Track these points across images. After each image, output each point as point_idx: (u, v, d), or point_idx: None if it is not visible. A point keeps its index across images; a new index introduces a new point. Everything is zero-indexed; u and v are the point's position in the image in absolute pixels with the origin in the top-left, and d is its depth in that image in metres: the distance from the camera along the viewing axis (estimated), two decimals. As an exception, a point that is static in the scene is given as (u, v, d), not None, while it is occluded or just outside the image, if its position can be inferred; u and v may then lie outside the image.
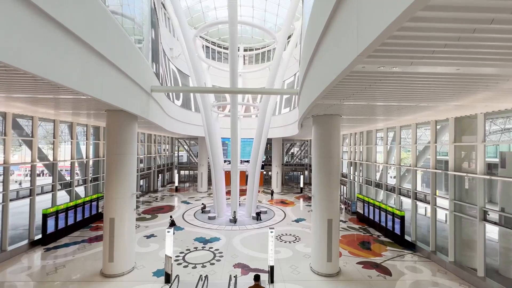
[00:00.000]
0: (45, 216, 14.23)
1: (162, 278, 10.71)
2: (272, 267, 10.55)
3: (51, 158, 16.08)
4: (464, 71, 4.88)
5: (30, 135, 14.32)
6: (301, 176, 34.41)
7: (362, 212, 20.05)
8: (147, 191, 30.39)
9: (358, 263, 12.70)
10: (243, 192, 24.51)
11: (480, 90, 6.49)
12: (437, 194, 13.67)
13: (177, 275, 10.23)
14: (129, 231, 11.42)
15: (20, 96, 8.18)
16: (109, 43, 7.22)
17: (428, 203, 13.90)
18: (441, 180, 15.06)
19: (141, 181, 29.07)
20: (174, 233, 17.30)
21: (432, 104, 8.64)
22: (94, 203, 18.48)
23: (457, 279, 11.22)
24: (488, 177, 10.46)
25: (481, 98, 7.50)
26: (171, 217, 18.53)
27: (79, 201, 17.09)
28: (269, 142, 34.17)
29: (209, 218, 19.82)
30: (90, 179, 19.52)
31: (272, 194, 29.23)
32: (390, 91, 6.90)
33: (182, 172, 40.74)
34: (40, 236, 14.28)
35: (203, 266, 12.07)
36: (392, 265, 12.50)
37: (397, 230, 15.46)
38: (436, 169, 13.52)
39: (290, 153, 42.92)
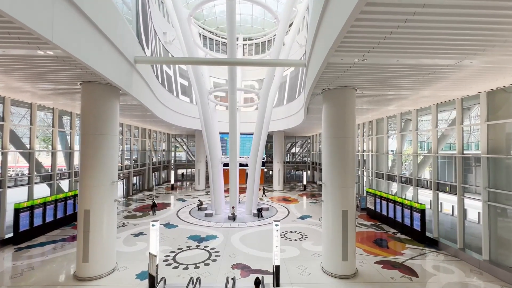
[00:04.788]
0: (17, 212, 12.47)
1: (147, 281, 8.97)
2: (277, 267, 8.81)
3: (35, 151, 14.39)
4: None
5: (1, 119, 12.65)
6: (304, 174, 32.66)
7: (373, 208, 18.29)
8: (141, 189, 28.63)
9: (377, 262, 10.95)
10: (242, 191, 22.79)
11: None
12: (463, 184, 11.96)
13: (162, 278, 8.48)
14: (109, 226, 9.69)
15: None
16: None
17: (454, 193, 12.17)
18: (451, 170, 13.37)
19: (135, 178, 27.35)
20: (154, 214, 15.73)
21: (472, 61, 6.97)
22: (78, 199, 16.70)
23: (496, 281, 9.46)
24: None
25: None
26: (153, 199, 17.44)
27: (61, 195, 15.34)
28: (269, 141, 32.46)
29: (206, 215, 18.07)
30: (76, 172, 17.79)
31: (264, 191, 26.57)
32: (429, 33, 5.29)
33: (179, 171, 39.01)
34: (12, 234, 12.54)
35: (196, 267, 10.32)
36: (416, 265, 10.75)
37: (417, 225, 13.71)
38: (463, 153, 11.83)
39: (291, 152, 41.34)
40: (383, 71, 7.98)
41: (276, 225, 9.14)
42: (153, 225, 8.85)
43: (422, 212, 13.47)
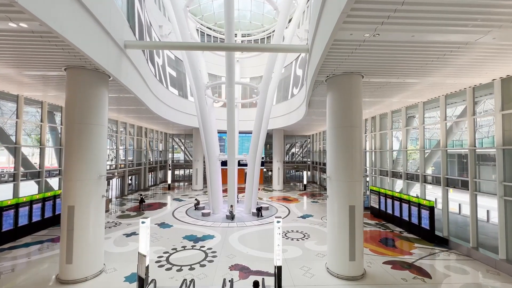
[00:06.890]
0: (0, 210, 11.68)
1: (136, 284, 8.17)
2: (279, 268, 8.05)
3: (26, 149, 13.59)
4: None
5: (-16, 112, 11.88)
6: (305, 173, 31.92)
7: (377, 207, 17.55)
8: (136, 189, 27.78)
9: (385, 262, 10.21)
10: (241, 191, 22.02)
11: None
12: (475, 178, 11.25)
13: (152, 280, 7.71)
14: (95, 224, 8.91)
15: None
16: None
17: (466, 188, 11.47)
18: (453, 168, 12.69)
19: (129, 178, 26.51)
20: (141, 209, 14.83)
21: (495, 38, 6.30)
22: (69, 198, 15.86)
23: (516, 282, 8.75)
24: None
25: None
26: (141, 194, 16.55)
27: (49, 194, 14.50)
28: (269, 141, 31.69)
29: (203, 214, 17.27)
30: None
31: None
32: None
33: (177, 172, 38.21)
34: (-6, 234, 11.72)
35: (191, 269, 9.54)
36: (427, 265, 10.01)
37: (425, 224, 12.99)
38: (475, 146, 11.14)
39: (290, 153, 40.66)
40: (394, 52, 7.31)
41: (278, 222, 8.39)
42: (143, 222, 8.07)
43: (431, 209, 12.76)
